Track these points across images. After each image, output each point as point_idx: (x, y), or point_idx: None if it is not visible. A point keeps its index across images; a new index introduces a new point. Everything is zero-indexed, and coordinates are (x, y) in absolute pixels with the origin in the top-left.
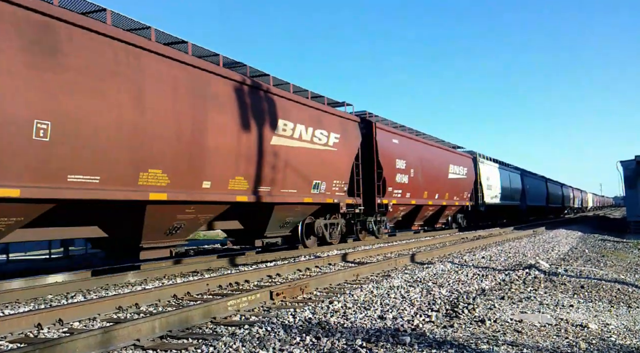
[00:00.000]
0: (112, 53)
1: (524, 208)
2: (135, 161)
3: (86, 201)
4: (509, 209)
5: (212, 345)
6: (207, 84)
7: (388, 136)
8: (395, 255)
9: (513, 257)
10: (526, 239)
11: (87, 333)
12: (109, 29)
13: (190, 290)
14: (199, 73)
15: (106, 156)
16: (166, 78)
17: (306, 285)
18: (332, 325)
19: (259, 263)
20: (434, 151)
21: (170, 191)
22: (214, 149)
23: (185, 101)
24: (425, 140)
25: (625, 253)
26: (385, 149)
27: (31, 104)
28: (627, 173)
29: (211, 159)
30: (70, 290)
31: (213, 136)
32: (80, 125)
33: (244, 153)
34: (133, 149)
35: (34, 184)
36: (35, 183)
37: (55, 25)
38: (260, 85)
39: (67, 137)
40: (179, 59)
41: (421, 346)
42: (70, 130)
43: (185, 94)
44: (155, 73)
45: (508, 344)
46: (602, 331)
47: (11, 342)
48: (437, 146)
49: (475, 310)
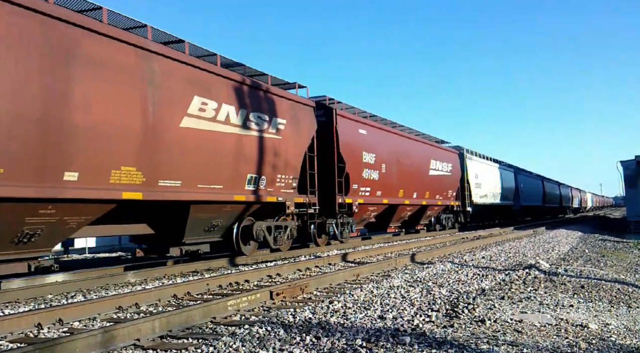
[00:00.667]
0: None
1: (518, 209)
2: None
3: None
4: (501, 209)
5: (212, 344)
6: (76, 44)
7: (353, 125)
8: (395, 255)
9: (513, 257)
10: (526, 239)
11: (87, 333)
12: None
13: (190, 290)
14: (64, 29)
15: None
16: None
17: (306, 284)
18: (332, 325)
19: (259, 263)
20: (412, 145)
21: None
22: (85, 130)
23: (35, 61)
24: (401, 132)
25: (625, 253)
26: (349, 140)
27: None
28: (627, 173)
29: (79, 142)
30: (70, 290)
31: (84, 111)
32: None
33: (136, 137)
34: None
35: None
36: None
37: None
38: (169, 54)
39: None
40: (30, 5)
41: (421, 346)
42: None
43: (36, 53)
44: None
45: (508, 344)
46: (602, 331)
47: (11, 341)
48: (416, 139)
49: (476, 310)
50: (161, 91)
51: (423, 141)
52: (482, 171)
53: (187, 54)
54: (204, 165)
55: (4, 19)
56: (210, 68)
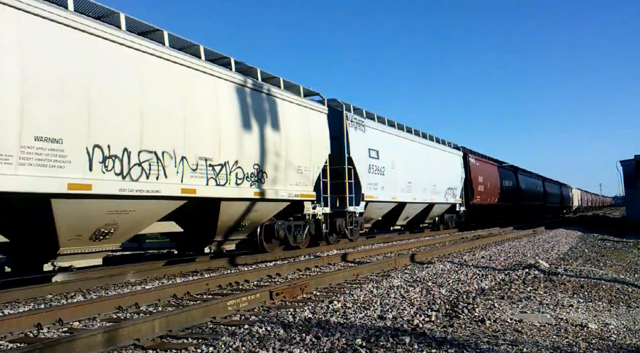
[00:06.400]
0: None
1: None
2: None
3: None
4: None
5: (212, 344)
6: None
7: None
8: (395, 255)
9: (513, 257)
10: (526, 239)
11: (87, 333)
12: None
13: (190, 290)
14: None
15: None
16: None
17: (306, 284)
18: (331, 325)
19: (258, 263)
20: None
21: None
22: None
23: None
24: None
25: (624, 252)
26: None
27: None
28: (627, 173)
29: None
30: (70, 290)
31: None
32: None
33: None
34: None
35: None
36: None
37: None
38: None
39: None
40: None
41: (421, 346)
42: None
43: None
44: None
45: (508, 344)
46: (601, 330)
47: (11, 341)
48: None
49: (475, 309)
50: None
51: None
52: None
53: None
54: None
55: None
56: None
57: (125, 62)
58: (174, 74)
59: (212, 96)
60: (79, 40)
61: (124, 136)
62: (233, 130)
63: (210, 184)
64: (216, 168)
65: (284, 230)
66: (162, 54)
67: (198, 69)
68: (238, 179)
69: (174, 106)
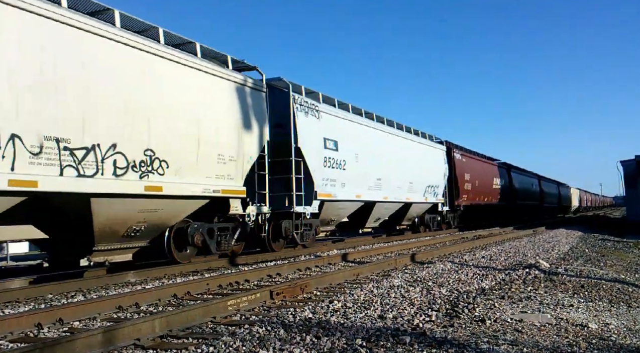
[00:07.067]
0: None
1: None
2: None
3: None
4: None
5: (212, 344)
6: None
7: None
8: (395, 255)
9: (513, 257)
10: (526, 238)
11: (87, 332)
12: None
13: (190, 290)
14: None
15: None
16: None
17: (306, 284)
18: (332, 325)
19: (259, 263)
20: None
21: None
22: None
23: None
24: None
25: (625, 252)
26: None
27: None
28: (627, 173)
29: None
30: (70, 290)
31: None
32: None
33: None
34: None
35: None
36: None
37: None
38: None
39: None
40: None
41: (421, 346)
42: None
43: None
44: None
45: (508, 344)
46: (602, 330)
47: (11, 341)
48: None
49: (476, 309)
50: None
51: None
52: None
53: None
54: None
55: None
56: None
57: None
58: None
59: (76, 55)
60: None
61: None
62: (111, 105)
63: (66, 174)
64: (77, 153)
65: (203, 234)
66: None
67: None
68: (118, 169)
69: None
